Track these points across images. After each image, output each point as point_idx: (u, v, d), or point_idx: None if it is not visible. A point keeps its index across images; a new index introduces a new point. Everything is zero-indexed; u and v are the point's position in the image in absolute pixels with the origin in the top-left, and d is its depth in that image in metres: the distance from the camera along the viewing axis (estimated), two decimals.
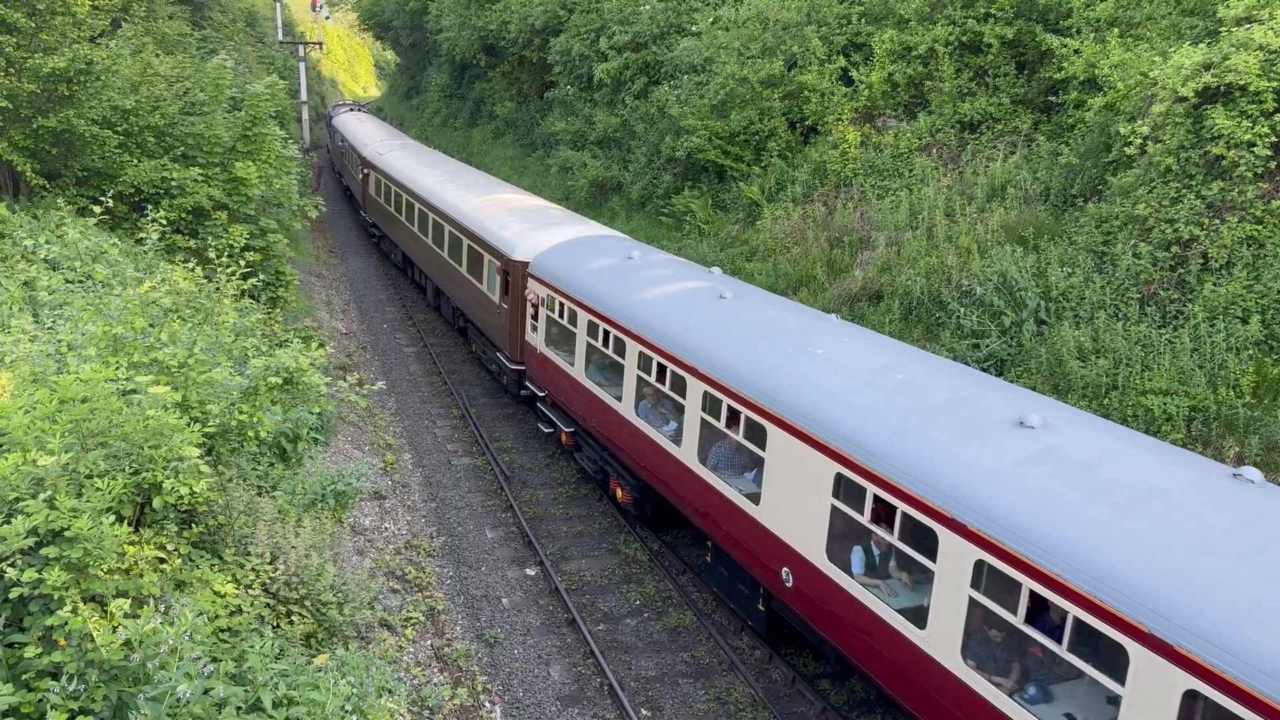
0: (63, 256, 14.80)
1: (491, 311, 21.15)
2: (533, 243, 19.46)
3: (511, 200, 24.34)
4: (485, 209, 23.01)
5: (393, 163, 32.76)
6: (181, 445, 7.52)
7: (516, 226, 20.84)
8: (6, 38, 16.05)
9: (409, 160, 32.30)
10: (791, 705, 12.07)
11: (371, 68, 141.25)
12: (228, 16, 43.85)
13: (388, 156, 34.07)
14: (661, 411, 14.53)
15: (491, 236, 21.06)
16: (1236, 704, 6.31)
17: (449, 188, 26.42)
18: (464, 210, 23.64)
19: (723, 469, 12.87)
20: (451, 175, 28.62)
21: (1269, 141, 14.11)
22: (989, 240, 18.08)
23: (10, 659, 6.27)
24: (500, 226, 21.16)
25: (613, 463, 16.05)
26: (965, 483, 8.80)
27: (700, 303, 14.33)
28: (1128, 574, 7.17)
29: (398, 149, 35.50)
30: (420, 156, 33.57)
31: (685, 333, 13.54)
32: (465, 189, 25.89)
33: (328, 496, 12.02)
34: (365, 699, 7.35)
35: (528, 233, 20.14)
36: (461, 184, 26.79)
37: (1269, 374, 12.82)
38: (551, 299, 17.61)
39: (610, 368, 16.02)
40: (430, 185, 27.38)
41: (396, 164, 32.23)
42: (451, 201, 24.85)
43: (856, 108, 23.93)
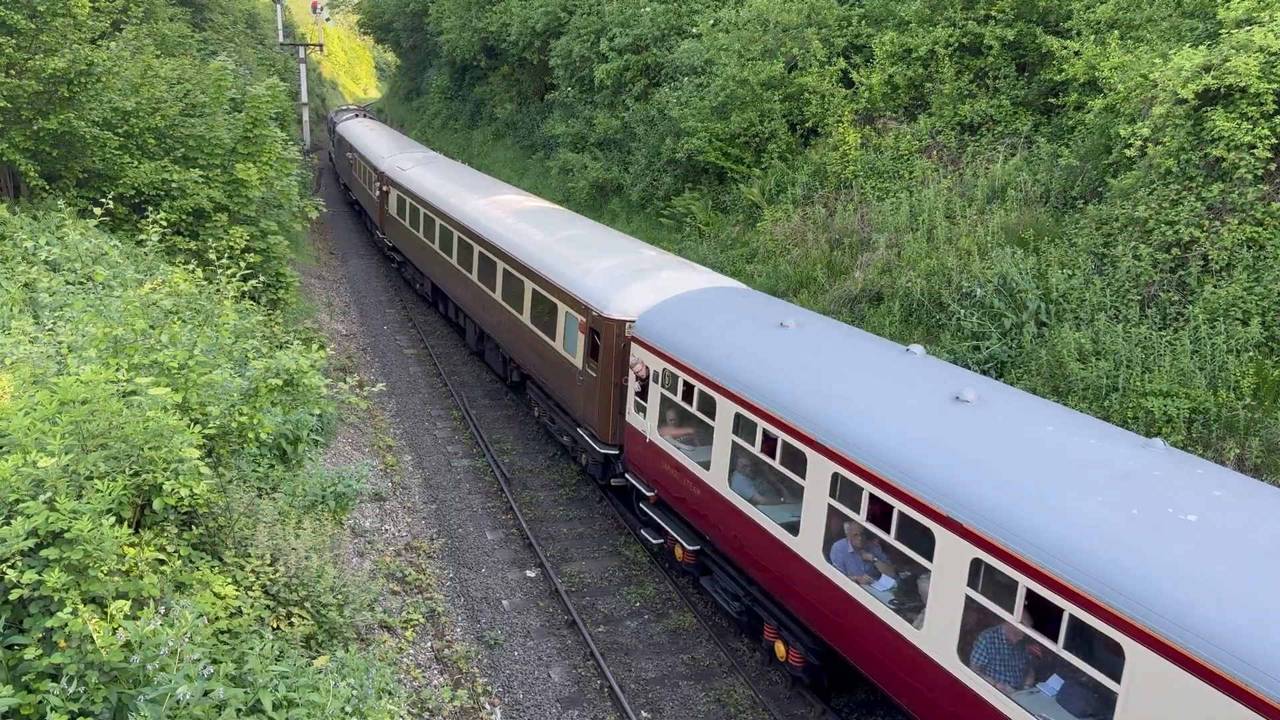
0: (63, 258, 14.80)
1: (569, 376, 17.11)
2: (632, 296, 15.53)
3: (584, 235, 19.97)
4: (556, 248, 18.98)
5: (421, 181, 28.86)
6: (182, 447, 7.52)
7: (605, 273, 16.74)
8: (7, 39, 16.05)
9: (441, 180, 28.15)
10: (792, 707, 12.06)
11: (372, 69, 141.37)
12: (228, 18, 43.86)
13: (412, 173, 30.36)
14: (872, 560, 10.58)
15: (571, 284, 16.98)
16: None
17: (501, 216, 22.34)
18: (526, 248, 19.63)
19: (1002, 672, 8.77)
20: (499, 200, 24.34)
21: (1269, 144, 14.11)
22: (989, 242, 18.08)
23: (10, 660, 6.27)
24: (583, 272, 17.11)
25: (770, 606, 12.08)
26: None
27: (933, 409, 10.06)
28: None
29: (423, 164, 31.67)
30: (454, 175, 29.44)
31: (925, 459, 9.38)
32: (522, 219, 21.77)
33: (328, 498, 12.01)
34: (365, 701, 7.34)
35: (622, 282, 16.11)
36: (515, 212, 22.73)
37: (1269, 376, 12.82)
38: (671, 375, 13.60)
39: (774, 482, 12.01)
40: (475, 213, 23.33)
41: (426, 183, 28.37)
42: (507, 236, 20.84)
43: (857, 110, 23.93)
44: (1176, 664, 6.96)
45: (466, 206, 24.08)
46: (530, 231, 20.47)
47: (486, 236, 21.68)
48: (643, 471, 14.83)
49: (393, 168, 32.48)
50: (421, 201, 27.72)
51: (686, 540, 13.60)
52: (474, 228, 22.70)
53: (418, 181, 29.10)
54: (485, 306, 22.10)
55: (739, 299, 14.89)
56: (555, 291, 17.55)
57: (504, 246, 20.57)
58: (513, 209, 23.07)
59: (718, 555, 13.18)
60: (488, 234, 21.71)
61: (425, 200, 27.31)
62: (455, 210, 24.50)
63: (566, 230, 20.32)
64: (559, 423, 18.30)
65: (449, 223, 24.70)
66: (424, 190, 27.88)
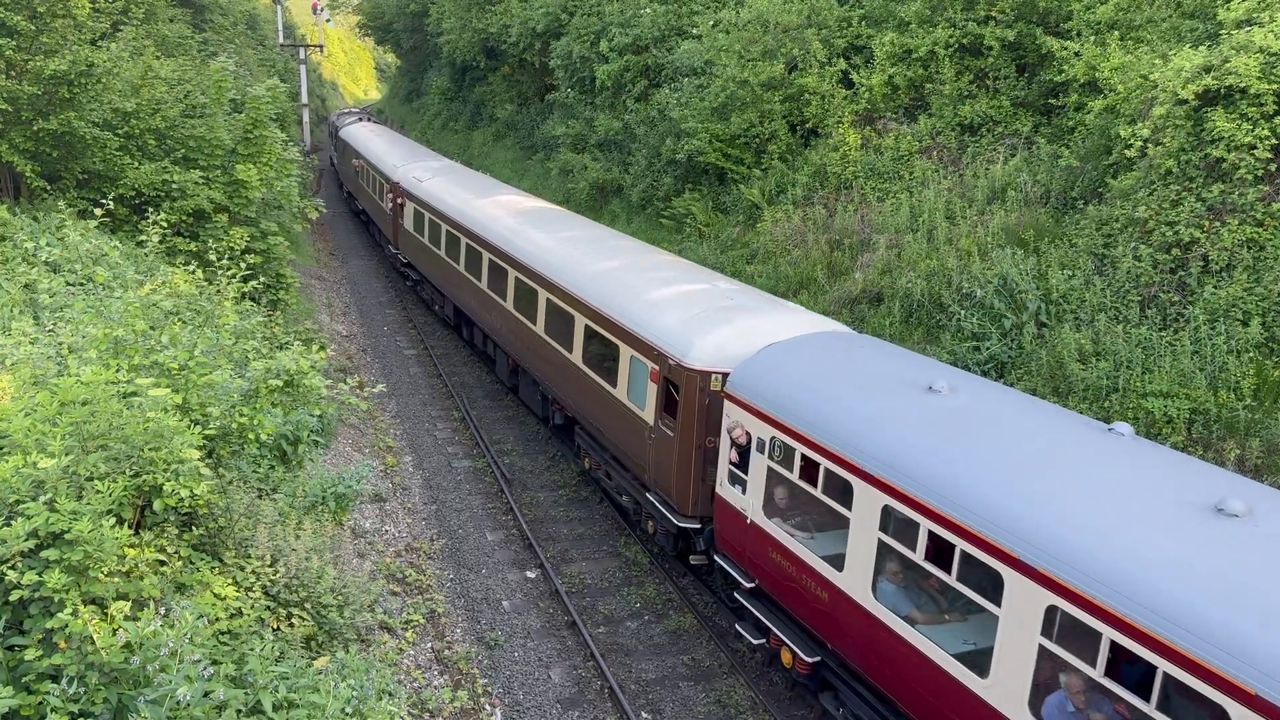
0: (63, 259, 14.81)
1: (635, 430, 14.59)
2: (719, 341, 13.06)
3: (643, 261, 17.33)
4: (612, 277, 16.30)
5: (442, 195, 26.18)
6: (182, 448, 7.53)
7: (680, 310, 14.19)
8: (7, 40, 16.06)
9: (466, 193, 25.44)
10: (792, 708, 12.06)
11: (372, 70, 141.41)
12: (228, 19, 43.87)
13: (431, 185, 27.61)
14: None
15: (637, 323, 14.53)
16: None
17: (540, 238, 19.74)
18: (576, 276, 17.07)
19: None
20: (535, 218, 21.69)
21: (1269, 144, 14.11)
22: (989, 243, 18.08)
23: (10, 661, 6.27)
24: (650, 308, 14.60)
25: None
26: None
27: (1186, 521, 7.58)
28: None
29: (441, 174, 29.03)
30: (479, 187, 26.55)
31: (1196, 599, 6.83)
32: (565, 241, 19.16)
33: (328, 499, 12.01)
34: (365, 702, 7.34)
35: (704, 322, 13.57)
36: (556, 233, 20.03)
37: (1269, 376, 12.82)
38: (784, 446, 11.06)
39: (945, 600, 9.59)
40: (509, 232, 20.84)
41: (448, 197, 25.68)
42: (550, 260, 18.35)
43: (857, 110, 23.94)
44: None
45: (498, 225, 21.56)
46: (577, 256, 17.90)
47: (524, 260, 19.19)
48: (740, 556, 12.23)
49: (408, 178, 29.88)
50: (443, 217, 25.12)
51: (802, 647, 11.07)
52: (508, 249, 20.19)
53: (438, 195, 26.37)
54: (523, 339, 19.40)
55: (861, 349, 12.15)
56: (616, 330, 15.04)
57: (547, 273, 18.03)
58: (553, 229, 20.39)
59: (848, 673, 10.66)
60: (525, 257, 19.22)
61: (447, 216, 24.76)
62: (484, 228, 22.03)
63: (621, 256, 17.68)
64: (616, 479, 15.86)
65: (477, 242, 22.25)
66: (446, 205, 25.26)
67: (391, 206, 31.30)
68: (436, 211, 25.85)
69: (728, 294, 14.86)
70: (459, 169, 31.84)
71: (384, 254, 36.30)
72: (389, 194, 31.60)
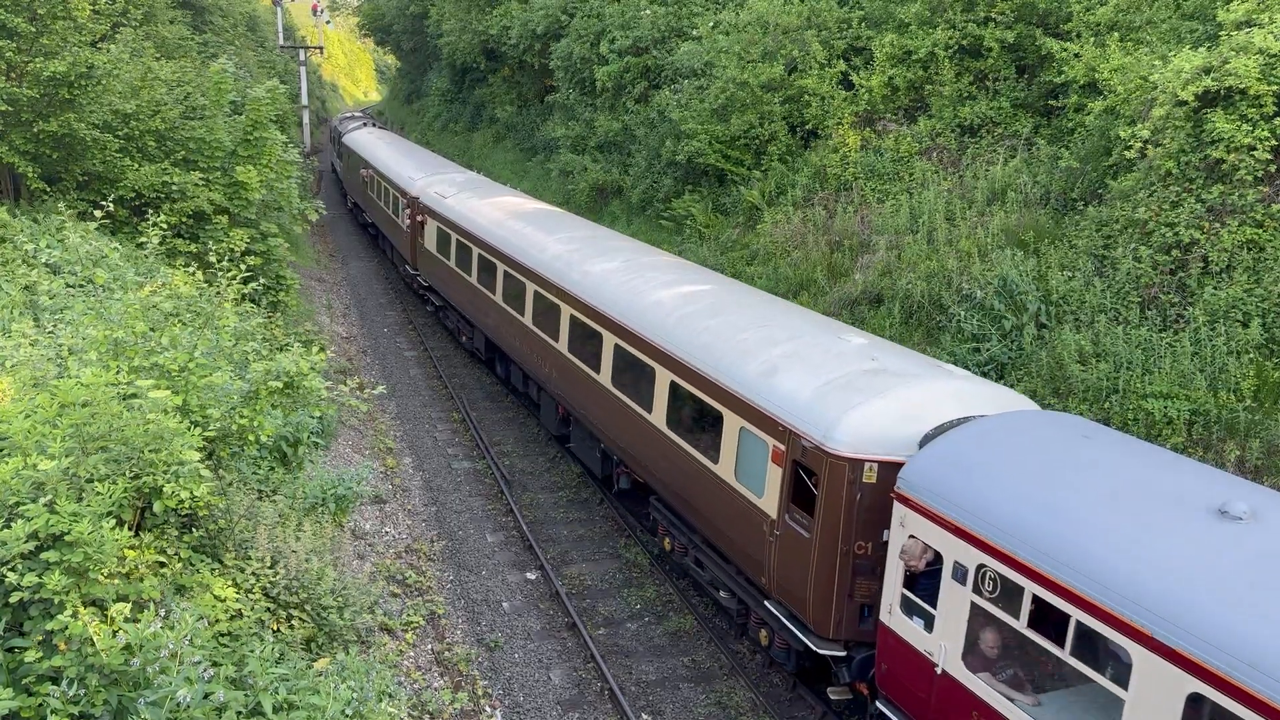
0: (64, 261, 14.81)
1: (747, 520, 11.78)
2: (872, 420, 10.33)
3: (737, 302, 14.44)
4: (706, 326, 13.42)
5: (472, 216, 23.32)
6: (182, 449, 7.53)
7: (811, 373, 11.35)
8: (7, 42, 16.07)
9: (502, 213, 22.49)
10: (792, 710, 12.05)
11: (372, 72, 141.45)
12: (228, 21, 43.90)
13: (457, 202, 24.82)
14: None
15: (751, 388, 11.71)
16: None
17: (602, 271, 16.79)
18: (657, 321, 14.24)
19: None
20: (595, 248, 18.38)
21: (1269, 145, 14.12)
22: (989, 244, 18.09)
23: (10, 663, 6.27)
24: (769, 372, 11.72)
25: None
26: None
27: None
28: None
29: (468, 190, 26.09)
30: (516, 208, 23.40)
31: None
32: (633, 272, 16.32)
33: (328, 500, 12.01)
34: (365, 703, 7.34)
35: (847, 392, 10.74)
36: (619, 262, 17.13)
37: (1270, 378, 12.82)
38: (1002, 581, 8.38)
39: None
40: (562, 263, 17.91)
41: (480, 218, 22.82)
42: (621, 300, 15.44)
43: (857, 112, 23.95)
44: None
45: (545, 254, 18.76)
46: (655, 294, 14.98)
47: (582, 296, 16.44)
48: (921, 711, 9.45)
49: (429, 194, 27.06)
50: (475, 240, 22.39)
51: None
52: (561, 282, 17.44)
53: (468, 215, 23.56)
54: (581, 388, 16.68)
55: (1089, 441, 9.22)
56: (718, 393, 12.31)
57: (614, 314, 15.29)
58: (615, 259, 17.35)
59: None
60: (583, 293, 16.47)
61: (480, 239, 21.97)
62: (527, 255, 19.30)
63: (706, 296, 14.66)
64: (712, 571, 13.27)
65: (519, 271, 19.50)
66: (478, 226, 22.49)
67: (410, 224, 28.49)
68: (466, 233, 23.09)
69: (867, 352, 11.74)
70: (485, 183, 28.74)
71: (399, 273, 33.35)
72: (406, 210, 28.78)
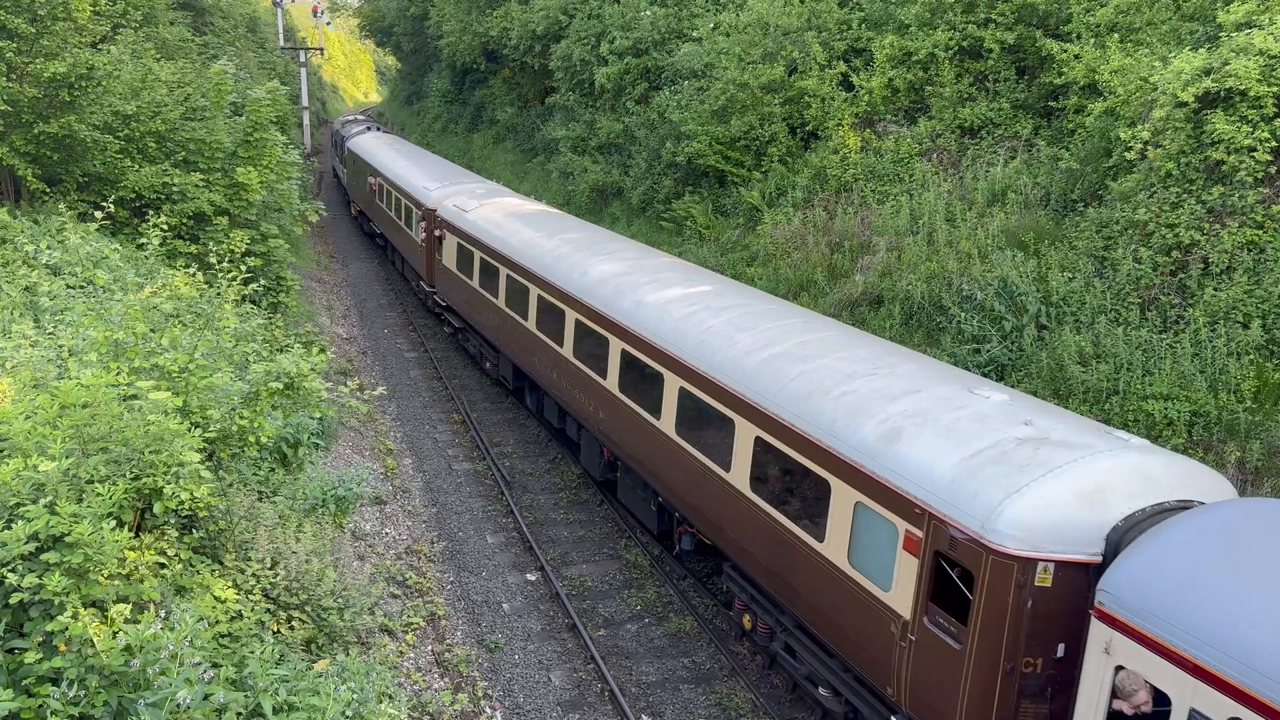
0: (64, 262, 14.81)
1: (864, 614, 9.76)
2: (1045, 506, 8.20)
3: (831, 340, 12.22)
4: (802, 372, 11.31)
5: (499, 234, 20.99)
6: (182, 450, 7.53)
7: (950, 442, 9.21)
8: (7, 43, 16.08)
9: (534, 232, 20.16)
10: (793, 711, 12.05)
11: (373, 73, 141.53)
12: (229, 22, 43.95)
13: (480, 217, 22.70)
14: None
15: (875, 459, 9.62)
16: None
17: (659, 301, 14.61)
18: (734, 365, 12.17)
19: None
20: (646, 274, 16.00)
21: (1269, 146, 14.12)
22: (989, 245, 18.09)
23: (10, 664, 6.27)
24: (894, 436, 9.63)
25: None
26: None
27: None
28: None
29: (491, 202, 24.09)
30: (549, 224, 20.87)
31: None
32: (703, 309, 13.88)
33: (328, 501, 12.01)
34: (366, 704, 7.34)
35: (1005, 470, 8.59)
36: (678, 288, 15.02)
37: (1270, 379, 12.82)
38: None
39: None
40: (613, 293, 15.60)
41: (511, 237, 20.41)
42: (688, 335, 13.34)
43: (857, 113, 23.96)
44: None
45: (585, 276, 16.67)
46: (727, 330, 12.97)
47: (638, 331, 14.32)
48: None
49: (447, 207, 24.80)
50: (503, 260, 20.16)
51: None
52: (609, 312, 15.28)
53: (493, 232, 21.41)
54: (634, 432, 14.63)
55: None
56: (822, 457, 10.28)
57: (679, 354, 13.22)
58: (669, 283, 15.31)
59: None
60: (639, 326, 14.38)
61: (510, 259, 19.78)
62: (566, 280, 17.14)
63: (795, 336, 12.40)
64: (809, 664, 11.19)
65: (556, 295, 17.39)
66: (507, 245, 20.23)
67: (426, 238, 26.22)
68: (493, 251, 20.87)
69: (1014, 412, 9.58)
70: (509, 195, 26.30)
71: (410, 289, 31.44)
72: (422, 223, 26.57)
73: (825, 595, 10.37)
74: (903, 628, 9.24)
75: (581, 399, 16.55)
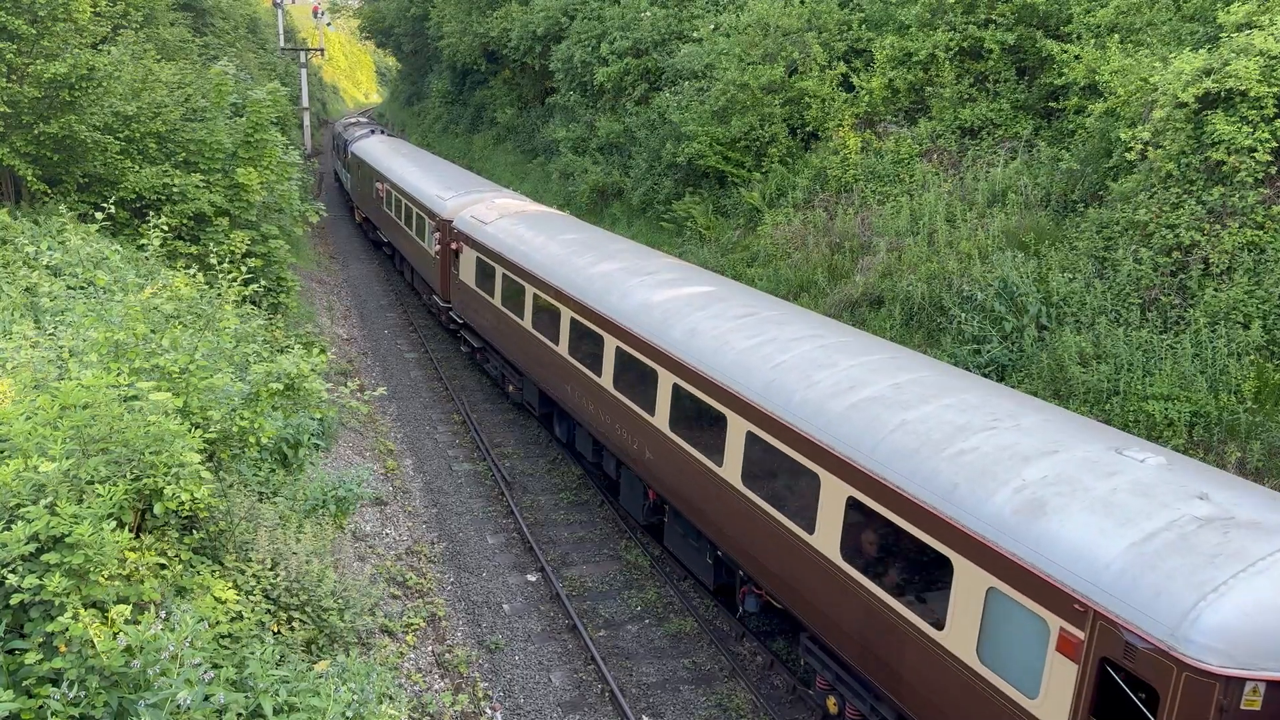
0: (65, 263, 14.82)
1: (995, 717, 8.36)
2: (1251, 612, 6.78)
3: (919, 379, 10.74)
4: (905, 423, 9.80)
5: (525, 249, 19.24)
6: (182, 451, 7.52)
7: (1111, 521, 7.71)
8: (7, 44, 16.08)
9: (564, 249, 18.23)
10: (793, 712, 12.05)
11: (373, 74, 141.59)
12: (229, 23, 43.96)
13: (498, 230, 21.07)
14: None
15: (1016, 541, 8.13)
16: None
17: (716, 331, 13.04)
18: (816, 410, 10.68)
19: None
20: (686, 289, 14.94)
21: (1269, 147, 14.12)
22: (990, 246, 18.09)
23: (11, 665, 6.27)
24: (1025, 501, 8.26)
25: None
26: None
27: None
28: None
29: (512, 213, 22.11)
30: (582, 242, 18.67)
31: None
32: (760, 332, 12.64)
33: (329, 502, 12.01)
34: (366, 705, 7.33)
35: (1192, 560, 7.15)
36: (736, 317, 13.35)
37: (1270, 379, 12.82)
38: None
39: None
40: (658, 324, 13.99)
41: (537, 253, 18.71)
42: (748, 372, 11.87)
43: (857, 114, 23.97)
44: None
45: (626, 299, 15.08)
46: (802, 368, 11.39)
47: (693, 365, 12.73)
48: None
49: (464, 218, 22.97)
50: (529, 277, 18.39)
51: None
52: (657, 342, 13.69)
53: (517, 247, 19.65)
54: (686, 474, 13.14)
55: None
56: (940, 529, 8.76)
57: (748, 394, 11.65)
58: (724, 310, 13.68)
59: None
60: (694, 359, 12.79)
61: (537, 277, 18.00)
62: (603, 302, 15.54)
63: (887, 375, 10.85)
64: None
65: (590, 318, 15.83)
66: (533, 262, 18.49)
67: (440, 251, 24.47)
68: (516, 268, 19.13)
69: (1182, 481, 8.12)
70: (533, 207, 24.11)
71: (420, 302, 30.02)
72: (435, 234, 24.87)
73: (944, 692, 8.79)
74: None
75: (624, 435, 14.91)
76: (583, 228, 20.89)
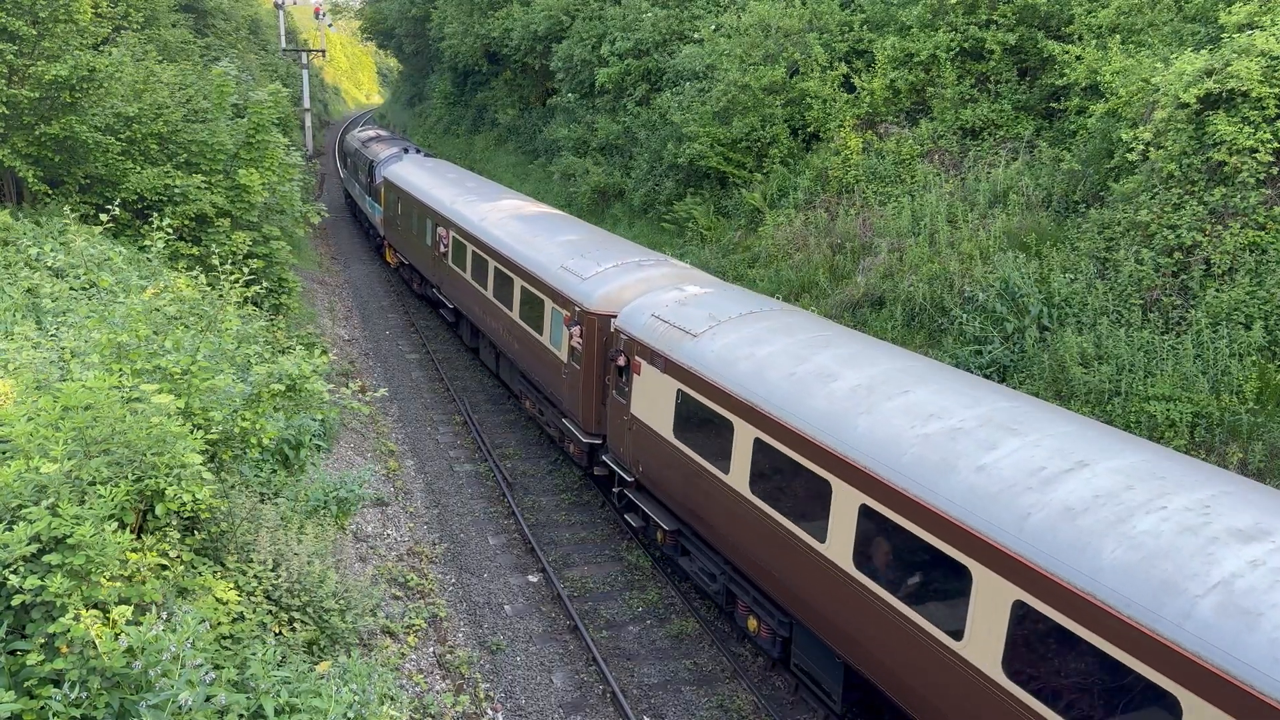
0: (67, 264, 14.83)
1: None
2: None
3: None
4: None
5: (791, 386, 11.40)
6: (184, 452, 7.53)
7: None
8: (9, 45, 16.10)
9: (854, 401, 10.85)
10: (794, 713, 12.04)
11: (374, 75, 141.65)
12: (231, 24, 44.01)
13: (732, 348, 12.37)
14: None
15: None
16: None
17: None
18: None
19: None
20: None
21: (1271, 147, 14.12)
22: (991, 246, 18.09)
23: (12, 666, 6.27)
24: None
25: None
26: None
27: None
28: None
29: (724, 311, 13.52)
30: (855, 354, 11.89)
31: None
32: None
33: (330, 503, 12.01)
34: (367, 706, 7.33)
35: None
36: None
37: (1272, 380, 12.81)
38: None
39: None
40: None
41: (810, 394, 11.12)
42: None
43: (858, 114, 23.97)
44: None
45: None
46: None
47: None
48: None
49: (639, 319, 14.51)
50: (802, 447, 10.91)
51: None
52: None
53: (784, 404, 11.55)
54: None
55: None
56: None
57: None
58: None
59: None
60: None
61: (808, 439, 10.73)
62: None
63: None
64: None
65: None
66: (804, 421, 11.00)
67: (589, 360, 16.09)
68: (778, 429, 11.18)
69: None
70: (734, 294, 15.06)
71: (520, 414, 21.67)
72: (574, 329, 16.33)
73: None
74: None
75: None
76: (852, 337, 12.63)
